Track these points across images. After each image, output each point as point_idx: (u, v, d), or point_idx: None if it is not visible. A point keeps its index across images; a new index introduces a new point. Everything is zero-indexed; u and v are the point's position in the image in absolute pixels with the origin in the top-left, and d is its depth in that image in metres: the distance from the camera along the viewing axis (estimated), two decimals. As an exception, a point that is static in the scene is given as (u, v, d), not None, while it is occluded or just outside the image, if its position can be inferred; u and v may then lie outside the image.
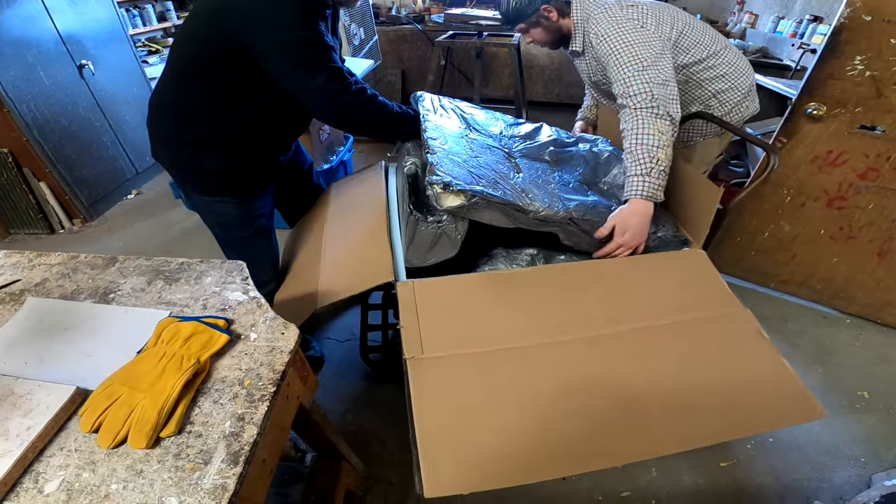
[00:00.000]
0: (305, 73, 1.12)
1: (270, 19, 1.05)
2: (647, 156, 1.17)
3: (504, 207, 1.09)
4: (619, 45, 1.28)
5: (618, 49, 1.28)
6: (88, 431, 0.65)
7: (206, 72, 1.16)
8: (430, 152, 1.17)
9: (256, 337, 0.77)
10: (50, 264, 0.98)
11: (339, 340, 2.05)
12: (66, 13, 2.76)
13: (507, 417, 0.83)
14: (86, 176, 2.91)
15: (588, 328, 0.99)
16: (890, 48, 1.59)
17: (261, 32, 1.07)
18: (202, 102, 1.20)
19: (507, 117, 1.58)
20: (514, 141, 1.40)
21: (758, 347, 0.96)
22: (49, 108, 2.65)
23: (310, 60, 1.12)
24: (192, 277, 0.91)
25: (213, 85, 1.17)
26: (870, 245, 1.94)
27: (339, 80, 1.16)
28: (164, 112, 1.27)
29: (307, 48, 1.10)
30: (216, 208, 1.41)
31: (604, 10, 1.35)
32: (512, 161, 1.27)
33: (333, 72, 1.15)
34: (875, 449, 1.61)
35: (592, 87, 1.70)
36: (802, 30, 3.11)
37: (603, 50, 1.32)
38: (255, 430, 0.64)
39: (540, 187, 1.17)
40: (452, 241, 1.11)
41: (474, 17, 3.85)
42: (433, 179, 1.06)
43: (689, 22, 1.47)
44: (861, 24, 1.60)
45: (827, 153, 1.84)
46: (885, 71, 1.63)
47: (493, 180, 1.13)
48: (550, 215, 1.10)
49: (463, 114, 1.47)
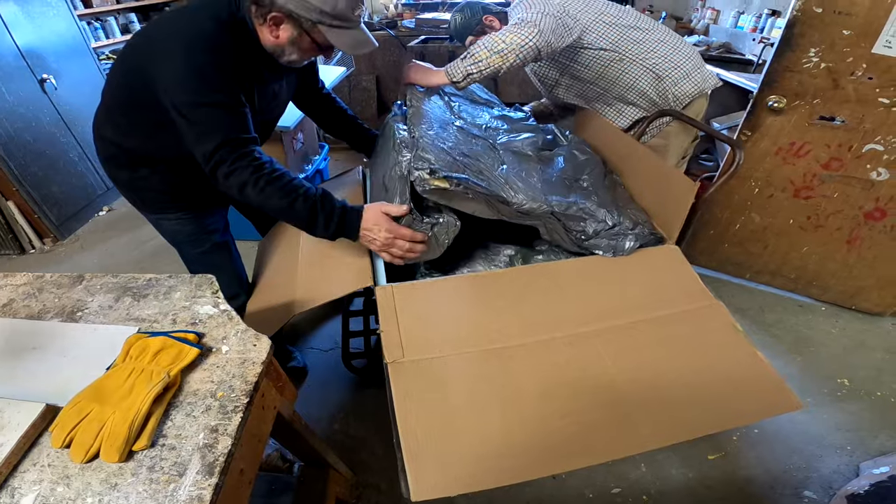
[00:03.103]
0: (195, 135, 1.04)
1: (174, 75, 1.01)
2: (477, 50, 1.42)
3: (488, 198, 1.10)
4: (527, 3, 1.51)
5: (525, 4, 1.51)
6: (60, 447, 0.64)
7: (135, 104, 1.14)
8: (418, 136, 1.18)
9: (228, 349, 0.76)
10: (16, 285, 0.96)
11: (323, 350, 2.04)
12: (24, 27, 2.69)
13: (490, 418, 0.83)
14: (55, 193, 2.84)
15: (567, 327, 1.00)
16: (843, 39, 1.63)
17: (163, 85, 1.02)
18: (130, 129, 1.20)
19: (491, 109, 1.61)
20: (499, 133, 1.41)
21: (732, 341, 0.98)
22: (12, 124, 2.58)
23: (203, 124, 1.03)
24: (161, 293, 0.90)
25: (143, 114, 1.15)
26: (838, 233, 1.99)
27: (230, 151, 1.03)
28: (98, 132, 1.27)
29: (201, 111, 1.02)
30: (165, 226, 1.40)
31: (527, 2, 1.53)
32: (496, 153, 1.28)
33: (224, 143, 1.02)
34: (861, 436, 1.62)
35: (539, 82, 1.85)
36: (762, 24, 3.18)
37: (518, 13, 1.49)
38: (229, 440, 0.64)
39: (523, 180, 1.18)
40: (439, 244, 1.12)
41: (445, 21, 3.88)
42: (419, 165, 1.07)
43: (603, 9, 1.63)
44: (813, 16, 1.63)
45: (790, 144, 1.88)
46: (840, 62, 1.67)
47: (478, 169, 1.14)
48: (533, 208, 1.11)
49: (450, 102, 1.50)
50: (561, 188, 1.23)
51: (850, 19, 1.59)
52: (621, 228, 1.15)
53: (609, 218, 1.15)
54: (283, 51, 1.10)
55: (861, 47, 1.62)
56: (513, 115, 1.60)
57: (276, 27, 1.06)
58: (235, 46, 1.05)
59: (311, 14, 1.02)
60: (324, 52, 1.14)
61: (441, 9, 4.36)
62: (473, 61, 1.42)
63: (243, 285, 1.51)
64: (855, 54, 1.63)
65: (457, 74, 1.45)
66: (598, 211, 1.16)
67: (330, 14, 1.02)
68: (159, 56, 1.03)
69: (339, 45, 1.09)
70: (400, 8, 4.48)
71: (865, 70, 1.65)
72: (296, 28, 1.06)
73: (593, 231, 1.15)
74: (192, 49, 1.01)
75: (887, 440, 1.61)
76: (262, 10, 1.04)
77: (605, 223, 1.15)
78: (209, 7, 1.06)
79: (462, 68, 1.44)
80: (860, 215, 1.92)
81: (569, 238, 1.18)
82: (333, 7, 1.02)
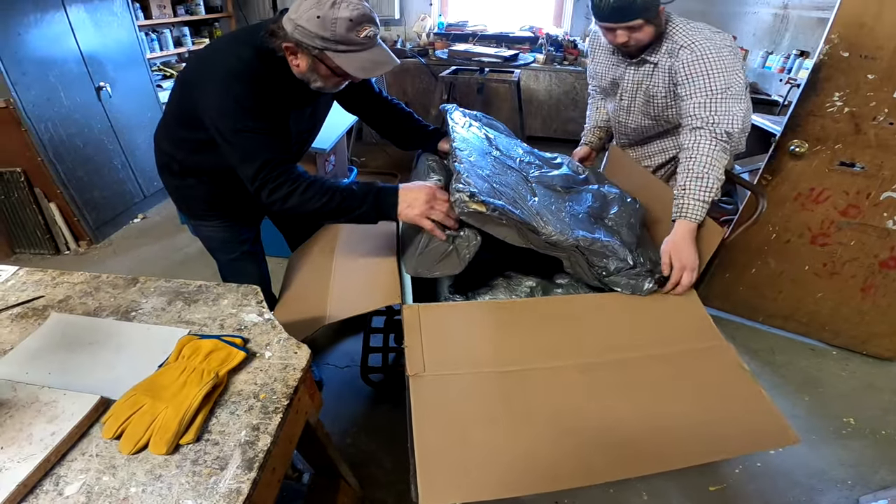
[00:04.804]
0: (238, 158, 1.12)
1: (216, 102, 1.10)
2: (713, 185, 1.22)
3: (519, 226, 1.14)
4: (715, 67, 1.28)
5: (712, 71, 1.28)
6: (111, 438, 0.69)
7: (183, 123, 1.27)
8: (458, 162, 1.22)
9: (271, 355, 0.83)
10: (73, 283, 1.04)
11: (339, 367, 2.08)
12: (90, 33, 2.82)
13: (500, 434, 0.88)
14: (95, 198, 2.96)
15: (579, 356, 1.05)
16: (867, 84, 1.64)
17: (206, 110, 1.12)
18: (181, 143, 1.32)
19: (522, 144, 1.64)
20: (531, 167, 1.46)
21: (737, 378, 1.02)
22: (66, 129, 2.71)
23: (243, 148, 1.11)
24: (210, 299, 0.97)
25: (189, 133, 1.27)
26: (853, 281, 2.00)
27: (271, 171, 1.10)
28: (157, 143, 1.40)
29: (241, 136, 1.10)
30: (202, 231, 1.53)
31: (698, 30, 1.35)
32: (529, 185, 1.33)
33: (265, 164, 1.10)
34: (862, 472, 1.64)
35: (633, 106, 1.61)
36: (790, 65, 3.15)
37: (694, 69, 1.31)
38: (269, 439, 0.69)
39: (553, 213, 1.23)
40: (461, 259, 1.16)
41: (477, 53, 4.02)
42: (459, 187, 1.10)
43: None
44: (840, 60, 1.64)
45: (810, 190, 1.90)
46: (864, 106, 1.68)
47: (513, 198, 1.19)
48: (561, 240, 1.16)
49: (487, 133, 1.54)
50: (587, 224, 1.28)
51: (875, 63, 1.62)
52: (642, 270, 1.20)
53: (630, 258, 1.20)
54: (308, 78, 1.14)
55: (884, 91, 1.64)
56: (544, 154, 1.62)
57: (293, 56, 1.11)
58: (270, 74, 1.13)
59: (314, 41, 1.04)
60: (345, 77, 1.14)
61: (471, 41, 4.52)
62: (709, 189, 1.24)
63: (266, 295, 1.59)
64: (878, 98, 1.66)
65: (700, 212, 1.24)
66: (620, 250, 1.20)
67: (331, 40, 1.03)
68: (203, 82, 1.13)
69: (349, 70, 1.08)
70: (432, 37, 4.64)
71: (887, 115, 1.67)
72: (308, 57, 1.09)
73: (615, 268, 1.20)
74: (231, 77, 1.09)
75: (888, 475, 1.63)
76: (278, 42, 1.09)
77: (626, 262, 1.20)
78: (250, 34, 1.15)
79: (701, 203, 1.23)
80: (875, 263, 1.93)
81: (591, 273, 1.22)
82: (333, 33, 1.02)
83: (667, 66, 1.41)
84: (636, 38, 1.37)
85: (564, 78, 4.24)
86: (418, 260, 1.19)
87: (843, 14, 1.60)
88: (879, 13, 1.56)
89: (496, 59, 3.96)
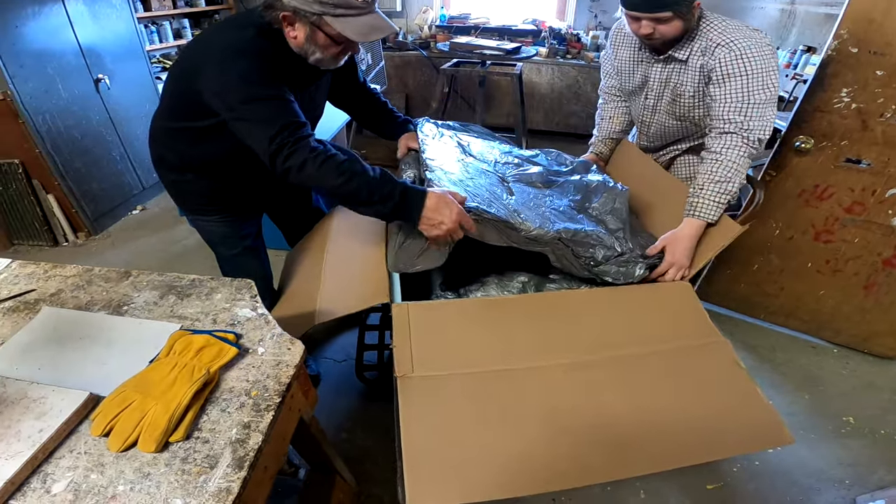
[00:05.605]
0: (252, 128, 1.08)
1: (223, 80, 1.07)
2: (732, 188, 1.22)
3: (497, 224, 1.14)
4: (755, 68, 1.24)
5: (752, 72, 1.24)
6: (99, 435, 0.68)
7: (181, 113, 1.23)
8: (428, 170, 1.22)
9: (264, 351, 0.82)
10: (65, 276, 1.03)
11: (336, 360, 2.08)
12: (88, 25, 2.82)
13: (491, 435, 0.87)
14: (93, 190, 2.96)
15: (573, 354, 1.03)
16: (876, 80, 1.63)
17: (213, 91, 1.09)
18: (180, 135, 1.28)
19: (503, 146, 1.62)
20: (508, 167, 1.45)
21: (733, 376, 1.00)
22: (63, 120, 2.71)
23: (257, 115, 1.07)
24: (203, 293, 0.96)
25: (188, 123, 1.23)
26: (856, 278, 1.99)
27: (290, 134, 1.06)
28: (153, 136, 1.36)
29: (253, 105, 1.06)
30: (203, 226, 1.49)
31: (736, 28, 1.28)
32: (505, 185, 1.33)
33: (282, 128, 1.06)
34: (859, 472, 1.64)
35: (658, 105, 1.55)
36: (796, 60, 3.12)
37: (733, 68, 1.25)
38: (260, 437, 0.68)
39: (532, 209, 1.22)
40: (441, 253, 1.16)
41: (478, 46, 3.98)
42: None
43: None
44: (848, 55, 1.63)
45: (814, 187, 1.89)
46: (871, 103, 1.67)
47: (488, 199, 1.18)
48: (541, 234, 1.15)
49: (460, 141, 1.53)
50: (570, 215, 1.26)
51: (884, 59, 1.60)
52: (631, 256, 1.18)
53: (618, 245, 1.18)
54: (306, 51, 1.12)
55: (893, 88, 1.62)
56: (524, 153, 1.59)
57: (291, 27, 1.09)
58: (273, 51, 1.11)
59: (311, 7, 1.02)
60: (342, 45, 1.13)
61: (473, 33, 4.48)
62: (728, 192, 1.24)
63: (269, 291, 1.57)
64: (886, 95, 1.64)
65: (715, 213, 1.25)
66: (606, 238, 1.19)
67: (330, 3, 1.02)
68: (204, 65, 1.10)
69: (347, 34, 1.07)
70: (434, 30, 4.60)
71: (895, 112, 1.66)
72: (306, 24, 1.07)
73: (602, 257, 1.18)
74: (235, 53, 1.07)
75: (886, 475, 1.63)
76: (275, 13, 1.07)
77: (613, 249, 1.18)
78: (248, 15, 1.14)
79: (717, 204, 1.24)
80: (879, 261, 1.92)
81: (578, 264, 1.20)
82: None
83: (697, 65, 1.36)
84: (661, 30, 1.30)
85: (567, 72, 4.20)
86: (397, 255, 1.17)
87: (853, 10, 1.58)
88: (889, 9, 1.54)
89: (498, 51, 3.92)
